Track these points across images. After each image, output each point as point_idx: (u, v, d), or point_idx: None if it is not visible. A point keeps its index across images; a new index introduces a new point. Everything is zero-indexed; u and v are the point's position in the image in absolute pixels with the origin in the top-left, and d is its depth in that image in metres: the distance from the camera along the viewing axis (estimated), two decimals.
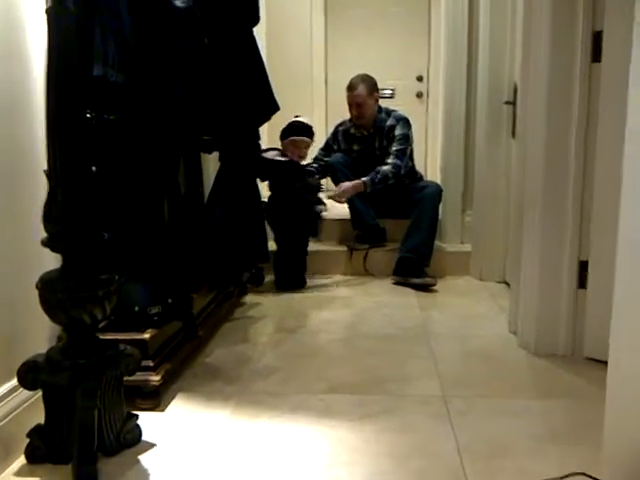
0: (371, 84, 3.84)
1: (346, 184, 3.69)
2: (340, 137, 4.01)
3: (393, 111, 3.95)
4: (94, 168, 1.55)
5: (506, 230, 3.43)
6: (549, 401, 2.04)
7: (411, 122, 3.94)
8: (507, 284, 3.35)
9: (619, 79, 2.21)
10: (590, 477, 1.49)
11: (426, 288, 3.47)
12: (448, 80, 4.02)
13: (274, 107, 2.59)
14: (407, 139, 3.84)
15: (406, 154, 3.82)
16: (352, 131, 3.98)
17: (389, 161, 3.77)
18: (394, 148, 3.80)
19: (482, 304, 3.23)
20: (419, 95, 5.48)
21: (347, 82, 3.90)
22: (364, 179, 3.69)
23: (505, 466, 1.64)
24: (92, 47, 1.90)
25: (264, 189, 3.55)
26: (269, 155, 3.51)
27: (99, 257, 1.57)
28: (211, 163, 3.03)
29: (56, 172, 1.51)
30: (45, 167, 1.53)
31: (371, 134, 3.90)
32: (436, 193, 3.75)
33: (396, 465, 1.65)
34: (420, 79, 5.49)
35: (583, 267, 2.38)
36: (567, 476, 1.53)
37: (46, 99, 1.50)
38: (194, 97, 2.22)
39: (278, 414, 1.96)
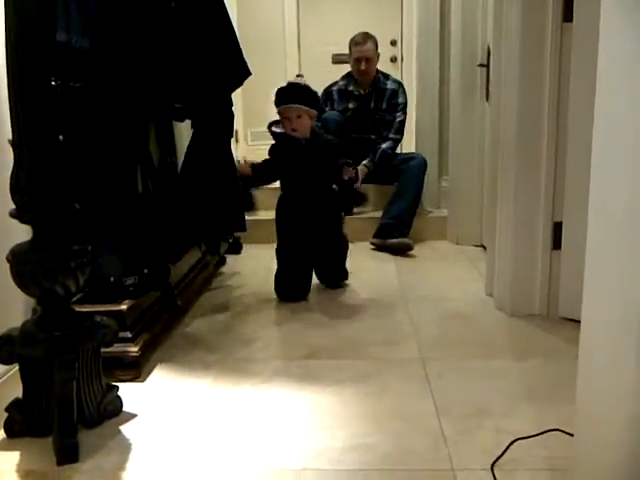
0: (376, 42, 3.84)
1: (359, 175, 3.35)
2: (335, 96, 3.97)
3: (388, 74, 3.97)
4: (61, 137, 1.50)
5: (482, 194, 3.45)
6: (525, 361, 2.07)
7: None
8: (484, 247, 3.38)
9: (590, 39, 2.19)
10: (564, 432, 1.53)
11: (404, 251, 3.49)
12: (421, 44, 4.01)
13: (245, 72, 2.54)
14: (406, 108, 3.90)
15: (404, 124, 3.87)
16: (350, 88, 3.94)
17: (391, 136, 3.83)
18: (397, 119, 3.86)
19: (459, 268, 3.26)
20: (393, 60, 5.43)
21: (321, 47, 3.88)
22: (365, 163, 3.73)
23: (483, 425, 1.66)
24: (54, 12, 1.85)
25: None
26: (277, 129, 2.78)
27: (70, 228, 1.54)
28: (184, 133, 2.97)
29: (21, 142, 1.47)
30: (10, 137, 1.49)
31: (368, 93, 3.90)
32: (422, 165, 3.77)
33: (376, 427, 1.67)
34: (394, 43, 5.44)
35: (557, 228, 2.41)
36: (542, 433, 1.56)
37: (7, 66, 1.45)
38: (162, 62, 2.17)
39: (259, 381, 1.97)
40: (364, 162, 3.74)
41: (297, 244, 2.78)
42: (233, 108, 2.74)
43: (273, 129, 2.75)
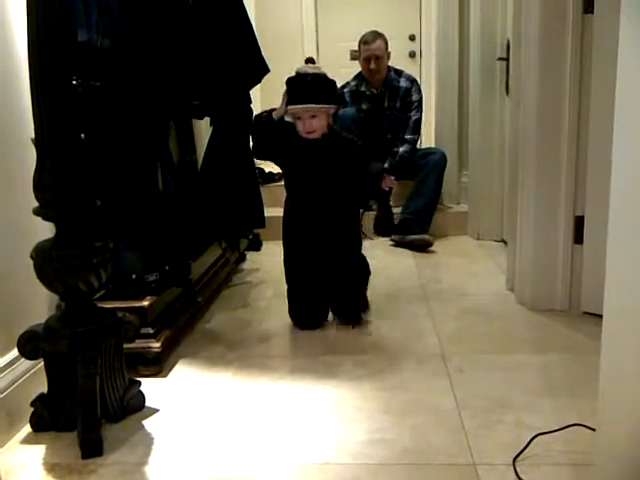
0: (386, 40, 3.79)
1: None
2: (348, 98, 3.88)
3: (401, 70, 3.90)
4: (83, 135, 1.52)
5: (502, 188, 3.43)
6: (546, 356, 2.06)
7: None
8: (504, 242, 3.36)
9: (612, 30, 2.17)
10: (586, 427, 1.51)
11: (423, 247, 3.48)
12: (440, 38, 3.98)
13: (264, 69, 2.56)
14: (421, 105, 3.83)
15: (421, 122, 3.82)
16: (362, 88, 3.88)
17: (407, 137, 3.77)
18: (412, 119, 3.80)
19: (479, 263, 3.24)
20: (412, 55, 5.42)
21: (339, 43, 3.86)
22: (386, 166, 3.63)
23: (504, 420, 1.66)
24: (74, 12, 1.87)
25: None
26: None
27: (92, 224, 1.56)
28: (204, 131, 2.99)
29: (44, 140, 1.49)
30: (32, 136, 1.51)
31: (381, 93, 3.85)
32: (441, 160, 3.75)
33: (396, 421, 1.67)
34: (412, 38, 5.42)
35: (579, 222, 2.38)
36: (564, 428, 1.55)
37: (29, 65, 1.47)
38: (181, 60, 2.18)
39: (280, 376, 1.98)
40: (385, 166, 3.70)
41: (310, 262, 2.33)
42: (252, 105, 2.76)
43: (286, 118, 2.25)
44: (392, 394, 1.83)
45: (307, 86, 2.18)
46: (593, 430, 1.41)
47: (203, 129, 3.00)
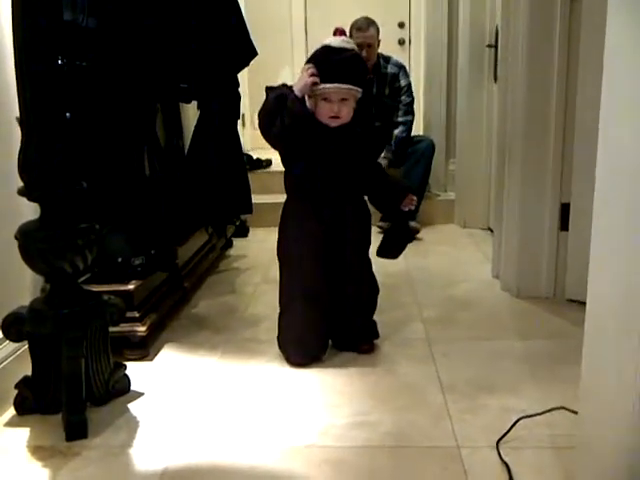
0: (378, 28, 3.76)
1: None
2: None
3: (389, 57, 3.89)
4: (68, 115, 1.51)
5: (489, 177, 3.44)
6: (530, 341, 2.07)
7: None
8: (491, 231, 3.37)
9: (600, 16, 2.17)
10: (569, 410, 1.53)
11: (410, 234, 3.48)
12: (430, 26, 3.97)
13: (252, 52, 2.53)
14: (411, 89, 3.82)
15: (413, 105, 3.81)
16: None
17: (400, 119, 3.75)
18: (403, 102, 3.78)
19: (466, 251, 3.26)
20: (401, 42, 5.39)
21: (328, 28, 3.82)
22: (384, 155, 3.57)
23: (488, 404, 1.67)
24: None
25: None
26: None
27: (78, 206, 1.55)
28: (191, 116, 2.97)
29: (29, 119, 1.48)
30: (17, 115, 1.49)
31: (369, 80, 3.84)
32: (429, 148, 3.75)
33: (380, 405, 1.68)
34: (402, 25, 5.39)
35: (565, 209, 2.40)
36: (547, 411, 1.57)
37: (14, 44, 1.45)
38: (168, 42, 2.16)
39: (265, 360, 1.98)
40: (382, 154, 3.69)
41: (315, 279, 1.93)
42: (240, 90, 2.74)
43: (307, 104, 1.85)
44: (377, 378, 1.84)
45: (344, 63, 1.83)
46: (576, 413, 1.43)
47: (191, 113, 2.98)
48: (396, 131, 3.75)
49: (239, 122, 2.90)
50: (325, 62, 1.83)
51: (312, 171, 1.90)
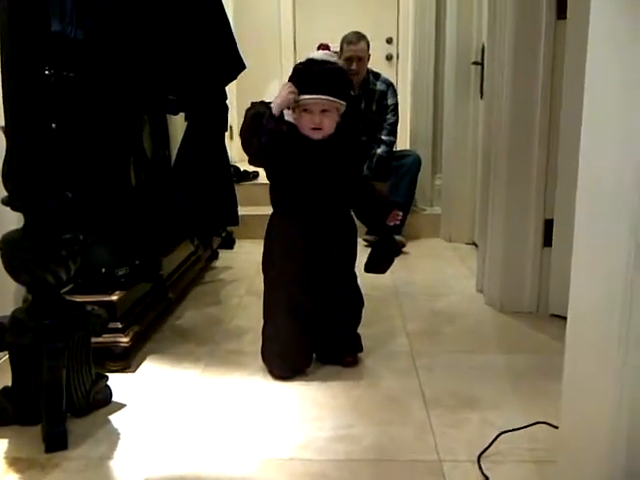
0: (368, 42, 3.78)
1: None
2: None
3: (379, 73, 3.91)
4: (54, 125, 1.51)
5: (474, 192, 3.46)
6: (513, 356, 2.09)
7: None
8: (475, 245, 3.39)
9: (584, 36, 2.21)
10: (550, 425, 1.54)
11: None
12: (417, 42, 4.01)
13: (240, 66, 2.55)
14: (397, 109, 3.84)
15: (397, 126, 3.83)
16: None
17: (384, 138, 3.76)
18: (388, 122, 3.79)
19: (451, 265, 3.28)
20: (389, 57, 5.44)
21: (315, 43, 3.85)
22: (365, 172, 3.58)
23: (470, 418, 1.68)
24: (49, 1, 1.85)
25: None
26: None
27: (62, 216, 1.54)
28: (179, 128, 2.97)
29: (14, 129, 1.47)
30: (2, 124, 1.49)
31: (358, 95, 3.85)
32: (416, 162, 3.77)
33: (363, 418, 1.68)
34: (390, 41, 5.44)
35: (548, 225, 2.42)
36: (528, 426, 1.57)
37: (0, 53, 1.45)
38: (157, 54, 2.17)
39: (248, 373, 1.97)
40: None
41: (299, 293, 1.92)
42: (227, 102, 2.75)
43: (285, 117, 1.87)
44: (360, 392, 1.84)
45: (325, 75, 1.84)
46: (557, 428, 1.44)
47: (178, 125, 2.98)
48: (379, 150, 3.74)
49: (226, 134, 2.91)
50: (306, 73, 1.85)
51: (296, 185, 1.90)
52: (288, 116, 1.88)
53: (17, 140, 1.48)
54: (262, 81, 4.76)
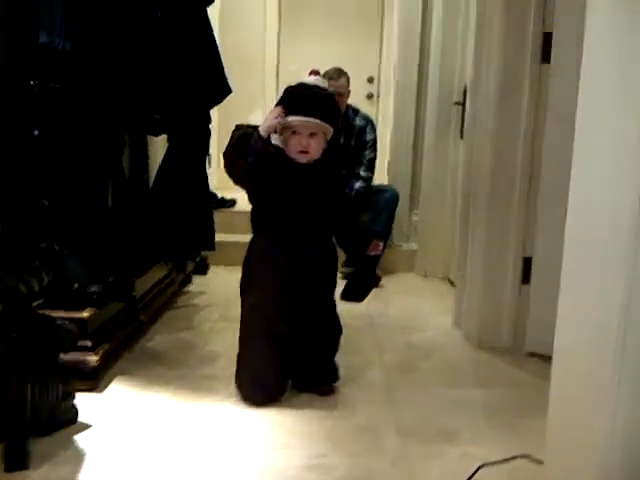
0: (348, 78, 3.81)
1: None
2: None
3: (357, 109, 3.94)
4: (36, 132, 1.47)
5: (451, 229, 3.47)
6: (491, 390, 2.06)
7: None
8: (450, 281, 3.40)
9: (567, 79, 2.26)
10: (533, 459, 1.51)
11: None
12: (400, 80, 4.07)
13: (226, 90, 2.55)
14: (375, 145, 3.86)
15: (375, 162, 3.85)
16: None
17: (362, 173, 3.77)
18: (367, 157, 3.80)
19: (427, 300, 3.26)
20: (370, 96, 5.51)
21: (297, 74, 3.88)
22: None
23: (447, 451, 1.64)
24: (38, 14, 1.83)
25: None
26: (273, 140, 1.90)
27: (37, 225, 1.50)
28: (159, 152, 2.94)
29: None
30: None
31: (337, 130, 3.86)
32: (393, 198, 3.78)
33: (336, 448, 1.64)
34: (371, 80, 5.52)
35: (527, 263, 2.43)
36: (509, 459, 1.54)
37: None
38: (144, 72, 2.15)
39: (219, 398, 1.92)
40: None
41: (278, 317, 1.89)
42: (210, 126, 2.74)
43: (272, 141, 1.88)
44: (335, 421, 1.80)
45: (315, 99, 1.88)
46: (541, 463, 1.41)
47: (158, 147, 2.95)
48: (356, 185, 3.75)
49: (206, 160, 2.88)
50: (296, 95, 1.87)
51: (279, 208, 1.89)
52: (274, 140, 1.89)
53: None
54: (244, 109, 4.77)
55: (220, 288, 3.24)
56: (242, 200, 3.75)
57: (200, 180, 2.81)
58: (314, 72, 1.94)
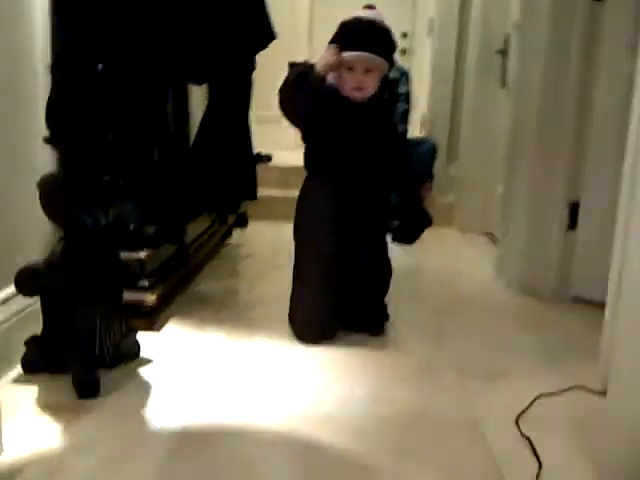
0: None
1: None
2: None
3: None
4: (101, 66, 1.48)
5: (490, 182, 3.44)
6: (537, 334, 2.07)
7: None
8: (489, 236, 3.38)
9: (622, 20, 2.21)
10: (589, 389, 1.52)
11: None
12: (439, 29, 4.01)
13: (270, 35, 2.52)
14: (409, 97, 3.80)
15: (408, 114, 3.80)
16: None
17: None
18: (401, 110, 3.75)
19: (466, 251, 3.26)
20: (403, 52, 5.43)
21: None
22: None
23: (505, 385, 1.67)
24: None
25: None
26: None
27: (103, 158, 1.52)
28: (199, 107, 2.92)
29: (59, 68, 1.45)
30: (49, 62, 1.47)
31: None
32: (431, 150, 3.74)
33: (394, 384, 1.66)
34: (405, 35, 5.44)
35: (574, 208, 2.41)
36: (567, 390, 1.56)
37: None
38: (185, 18, 2.13)
39: (275, 337, 1.95)
40: None
41: (332, 255, 1.89)
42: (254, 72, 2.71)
43: (329, 79, 1.84)
44: (391, 360, 1.82)
45: (369, 32, 1.82)
46: (597, 393, 1.42)
47: (198, 104, 2.94)
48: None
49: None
50: (351, 31, 1.82)
51: (334, 147, 1.88)
52: (329, 79, 1.86)
53: (62, 79, 1.46)
54: (272, 75, 4.72)
55: (260, 240, 3.28)
56: (278, 156, 3.76)
57: (243, 128, 2.80)
58: (369, 6, 1.89)
